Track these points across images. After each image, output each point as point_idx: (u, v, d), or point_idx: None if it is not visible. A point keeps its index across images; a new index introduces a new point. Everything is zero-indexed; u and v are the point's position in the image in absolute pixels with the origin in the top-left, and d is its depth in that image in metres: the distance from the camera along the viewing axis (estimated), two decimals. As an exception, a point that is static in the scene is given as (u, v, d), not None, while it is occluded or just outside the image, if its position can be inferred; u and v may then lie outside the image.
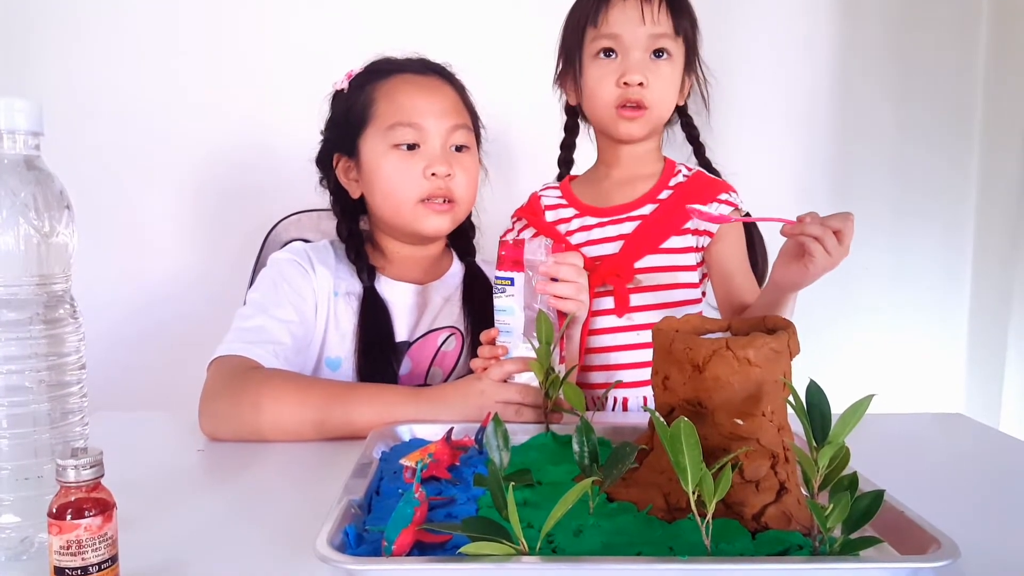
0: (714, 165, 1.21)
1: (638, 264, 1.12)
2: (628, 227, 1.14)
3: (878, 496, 0.54)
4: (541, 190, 1.25)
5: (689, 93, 1.17)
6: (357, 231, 1.19)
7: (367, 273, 1.14)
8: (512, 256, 0.93)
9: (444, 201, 1.12)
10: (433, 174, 1.09)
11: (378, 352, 1.09)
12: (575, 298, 0.97)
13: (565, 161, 1.28)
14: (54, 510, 0.52)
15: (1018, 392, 1.71)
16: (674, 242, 1.13)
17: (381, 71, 1.15)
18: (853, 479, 0.54)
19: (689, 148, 1.22)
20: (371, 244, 1.20)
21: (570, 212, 1.19)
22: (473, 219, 1.26)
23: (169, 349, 1.10)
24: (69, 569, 0.51)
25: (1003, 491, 0.79)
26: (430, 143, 1.11)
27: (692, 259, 1.13)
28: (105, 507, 0.53)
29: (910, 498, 0.62)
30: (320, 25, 1.69)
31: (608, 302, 1.12)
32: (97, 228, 1.63)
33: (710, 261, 1.14)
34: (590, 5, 1.10)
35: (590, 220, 1.17)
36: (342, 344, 1.11)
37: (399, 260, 1.19)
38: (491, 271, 1.24)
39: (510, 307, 0.94)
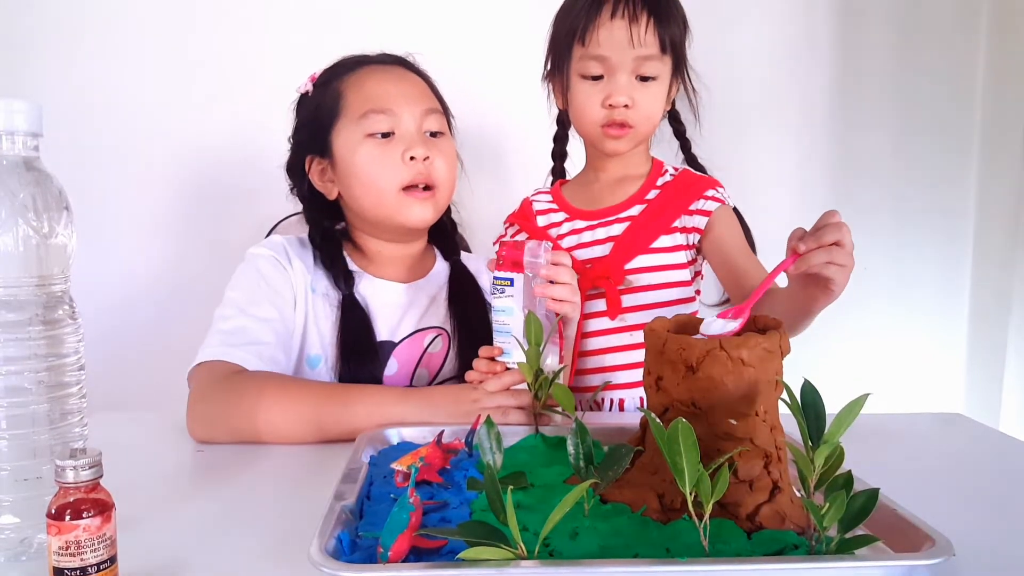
0: (704, 162, 1.22)
1: (629, 265, 1.12)
2: (617, 228, 1.14)
3: (873, 495, 0.55)
4: (533, 195, 1.25)
5: (677, 92, 1.16)
6: (332, 236, 1.15)
7: (344, 280, 1.10)
8: (512, 257, 0.93)
9: (425, 188, 1.09)
10: (412, 158, 1.06)
11: (359, 359, 1.07)
12: (570, 299, 0.97)
13: (558, 169, 1.29)
14: (53, 511, 0.52)
15: (1018, 392, 1.71)
16: (663, 241, 1.13)
17: (345, 65, 1.13)
18: (848, 478, 0.55)
19: (676, 143, 1.23)
20: (351, 245, 1.17)
21: (560, 216, 1.20)
22: (454, 216, 1.24)
23: (168, 350, 1.10)
24: (68, 570, 0.51)
25: (1002, 491, 0.79)
26: (404, 128, 1.08)
27: (683, 257, 1.14)
28: (104, 508, 0.53)
29: (909, 498, 0.62)
30: (320, 27, 1.69)
31: (600, 304, 1.12)
32: (96, 229, 1.64)
33: (708, 252, 1.13)
34: (579, 18, 1.08)
35: (580, 223, 1.17)
36: (321, 343, 1.09)
37: (382, 259, 1.16)
38: (472, 263, 1.22)
39: (509, 308, 0.94)
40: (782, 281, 0.93)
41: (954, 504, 0.73)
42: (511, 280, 0.93)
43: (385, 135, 1.08)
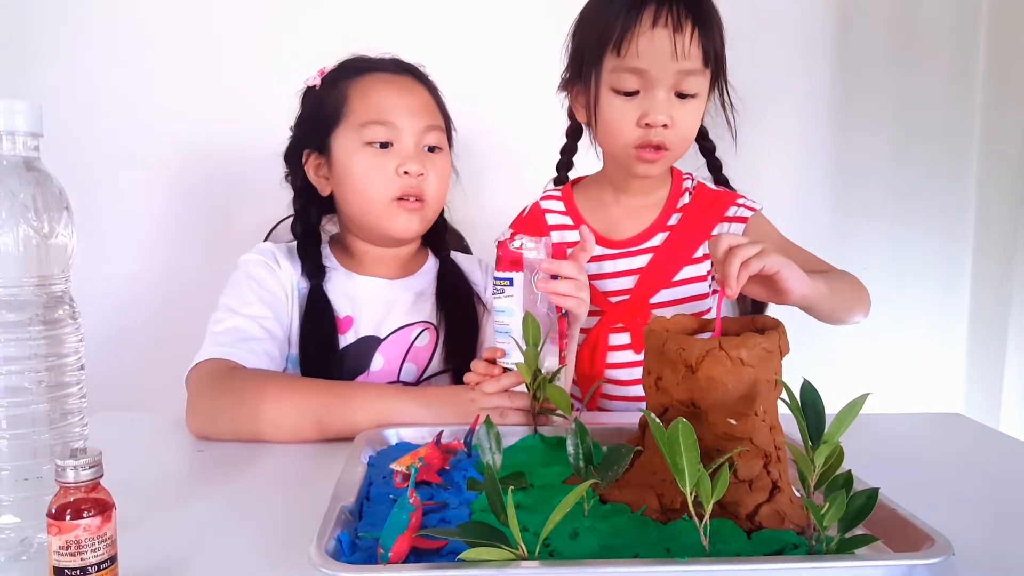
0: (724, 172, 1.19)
1: (653, 299, 1.10)
2: (640, 260, 1.11)
3: (873, 495, 0.55)
4: (543, 199, 1.20)
5: (708, 107, 1.09)
6: (313, 230, 1.17)
7: (313, 270, 1.12)
8: (510, 256, 0.93)
9: (415, 199, 1.10)
10: (406, 172, 1.07)
11: (318, 356, 1.08)
12: (575, 295, 0.95)
13: (561, 179, 1.27)
14: (53, 510, 0.52)
15: (1018, 392, 1.71)
16: (687, 272, 1.10)
17: (355, 68, 1.14)
18: (848, 478, 0.55)
19: (700, 159, 1.19)
20: (339, 246, 1.19)
21: (576, 236, 1.13)
22: (445, 215, 1.24)
23: (168, 350, 1.10)
24: (68, 569, 0.51)
25: (1002, 491, 0.79)
26: (403, 142, 1.09)
27: (706, 287, 1.11)
28: (104, 507, 0.53)
29: (909, 498, 0.62)
30: (324, 26, 1.69)
31: (625, 337, 1.11)
32: (96, 229, 1.64)
33: None
34: (613, 24, 0.98)
35: (599, 251, 1.12)
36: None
37: (368, 260, 1.17)
38: (464, 263, 1.22)
39: (509, 308, 0.93)
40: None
41: (954, 504, 0.73)
42: (510, 280, 0.93)
43: (383, 145, 1.09)
